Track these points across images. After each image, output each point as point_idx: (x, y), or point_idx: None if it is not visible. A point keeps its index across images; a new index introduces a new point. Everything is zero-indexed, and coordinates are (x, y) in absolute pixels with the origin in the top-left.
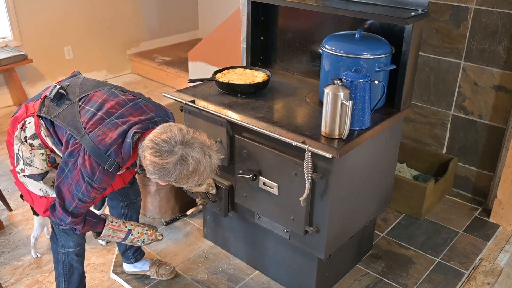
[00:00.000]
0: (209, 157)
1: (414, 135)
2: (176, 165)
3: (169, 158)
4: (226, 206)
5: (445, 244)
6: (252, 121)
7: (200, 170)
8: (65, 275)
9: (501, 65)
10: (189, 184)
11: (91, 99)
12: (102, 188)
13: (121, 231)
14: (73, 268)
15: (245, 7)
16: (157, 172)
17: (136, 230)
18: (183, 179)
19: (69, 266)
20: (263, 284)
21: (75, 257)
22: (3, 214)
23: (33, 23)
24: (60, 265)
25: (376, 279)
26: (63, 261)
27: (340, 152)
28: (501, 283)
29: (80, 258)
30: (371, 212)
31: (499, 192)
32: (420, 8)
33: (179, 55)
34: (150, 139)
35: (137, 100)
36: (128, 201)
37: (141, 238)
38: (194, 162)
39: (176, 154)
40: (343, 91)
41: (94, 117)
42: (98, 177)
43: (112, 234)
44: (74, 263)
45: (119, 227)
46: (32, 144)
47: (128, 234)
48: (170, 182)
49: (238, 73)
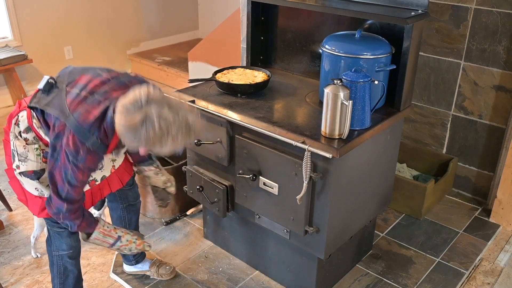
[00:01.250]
0: (178, 116)
1: (414, 135)
2: (142, 124)
3: (135, 117)
4: (225, 207)
5: (445, 244)
6: (252, 121)
7: (171, 130)
8: (60, 277)
9: (501, 65)
10: (164, 149)
11: (77, 82)
12: (88, 169)
13: (111, 236)
14: (68, 270)
15: (245, 7)
16: (127, 134)
17: (126, 238)
18: (155, 142)
19: (63, 269)
20: (263, 284)
21: (68, 259)
22: (3, 214)
23: (33, 23)
24: (55, 268)
25: (376, 279)
26: (57, 264)
27: (340, 152)
28: (501, 283)
29: (75, 261)
30: (371, 212)
31: (499, 192)
32: (420, 8)
33: (179, 55)
34: (120, 104)
35: (121, 77)
36: (127, 203)
37: (129, 247)
38: (162, 120)
39: (142, 112)
40: (343, 91)
41: (78, 97)
42: (82, 156)
43: (101, 238)
44: (68, 265)
45: (109, 232)
46: (27, 138)
47: (117, 240)
48: (144, 147)
49: (238, 73)
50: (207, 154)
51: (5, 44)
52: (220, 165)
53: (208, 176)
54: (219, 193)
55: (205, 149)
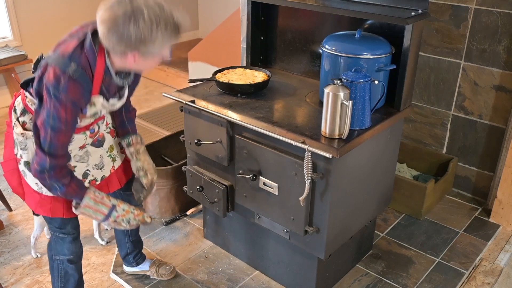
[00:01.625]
0: (163, 10)
1: (414, 135)
2: (130, 16)
3: (121, 9)
4: (225, 207)
5: (445, 244)
6: (252, 121)
7: (160, 23)
8: (61, 281)
9: (501, 65)
10: (154, 48)
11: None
12: (71, 103)
13: (104, 204)
14: (68, 275)
15: (245, 7)
16: (113, 33)
17: (122, 207)
18: (145, 35)
19: (64, 273)
20: (263, 284)
21: (69, 264)
22: (3, 214)
23: (33, 23)
24: (55, 272)
25: (376, 279)
26: (57, 268)
27: (340, 152)
28: (501, 283)
29: (75, 266)
30: (371, 212)
31: (499, 192)
32: (420, 8)
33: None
34: (103, 4)
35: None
36: None
37: (127, 217)
38: (150, 10)
39: (128, 5)
40: (343, 91)
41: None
42: (63, 85)
43: (93, 207)
44: (69, 270)
45: (102, 200)
46: (24, 121)
47: (112, 209)
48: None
49: (238, 73)
50: (207, 154)
51: (5, 44)
52: (220, 165)
53: (208, 176)
54: (219, 193)
55: (205, 149)
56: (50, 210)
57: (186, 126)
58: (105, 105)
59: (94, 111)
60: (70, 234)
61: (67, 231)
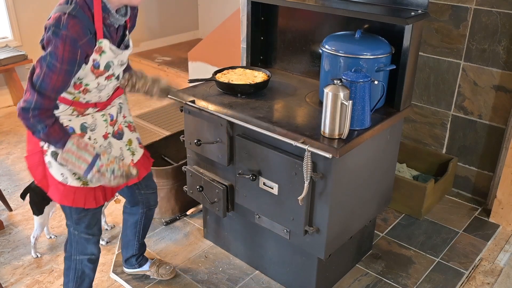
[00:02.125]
0: None
1: (414, 135)
2: None
3: None
4: (225, 207)
5: (445, 244)
6: (252, 121)
7: None
8: (76, 282)
9: (500, 65)
10: None
11: None
12: (70, 40)
13: (87, 151)
14: (85, 275)
15: (245, 7)
16: None
17: (106, 157)
18: None
19: (81, 273)
20: (263, 284)
21: (88, 263)
22: (3, 214)
23: (33, 23)
24: (72, 272)
25: (376, 279)
26: (75, 268)
27: (340, 152)
28: (500, 283)
29: (93, 266)
30: (371, 212)
31: (499, 192)
32: (420, 8)
33: (179, 55)
34: None
35: None
36: (148, 207)
37: (111, 167)
38: None
39: None
40: (343, 91)
41: None
42: (64, 22)
43: (76, 152)
44: (86, 270)
45: (85, 147)
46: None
47: (95, 158)
48: None
49: (238, 73)
50: (207, 154)
51: (5, 44)
52: (220, 165)
53: (208, 176)
54: (219, 193)
55: (205, 149)
56: (73, 201)
57: (186, 126)
58: (114, 50)
59: (106, 61)
60: (96, 235)
61: (93, 232)
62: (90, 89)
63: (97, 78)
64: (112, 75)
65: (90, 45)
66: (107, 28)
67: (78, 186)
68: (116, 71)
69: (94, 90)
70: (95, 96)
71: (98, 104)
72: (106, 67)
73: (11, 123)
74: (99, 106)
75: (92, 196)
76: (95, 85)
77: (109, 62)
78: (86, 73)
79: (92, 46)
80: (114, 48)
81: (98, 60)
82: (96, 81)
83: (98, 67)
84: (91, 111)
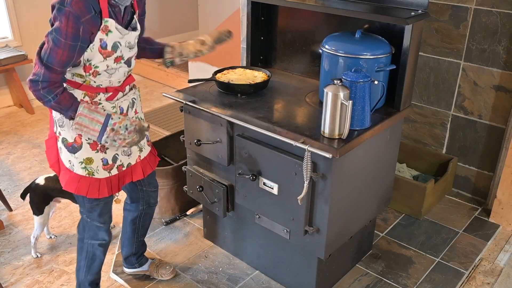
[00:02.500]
0: None
1: (414, 135)
2: None
3: None
4: (225, 207)
5: (445, 244)
6: (252, 121)
7: None
8: (87, 261)
9: (500, 65)
10: None
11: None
12: (73, 14)
13: (99, 113)
14: (96, 256)
15: (245, 7)
16: None
17: (117, 116)
18: None
19: (92, 255)
20: (263, 284)
21: (99, 247)
22: (3, 214)
23: (33, 23)
24: (84, 253)
25: (376, 279)
26: (87, 250)
27: (340, 152)
28: (500, 283)
29: (104, 249)
30: (371, 212)
31: (499, 192)
32: (420, 8)
33: None
34: None
35: None
36: (148, 205)
37: (124, 124)
38: None
39: None
40: (343, 91)
41: None
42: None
43: (88, 115)
44: (97, 252)
45: (96, 109)
46: None
47: (107, 118)
48: None
49: (238, 73)
50: (207, 154)
51: (5, 44)
52: (220, 165)
53: (208, 176)
54: (219, 193)
55: (205, 149)
56: (76, 188)
57: (186, 126)
58: (120, 29)
59: (113, 41)
60: (107, 223)
61: (105, 220)
62: (100, 71)
63: (105, 59)
64: (121, 57)
65: (94, 23)
66: (112, 8)
67: (83, 175)
68: (124, 53)
69: (104, 73)
70: (106, 80)
71: (109, 89)
72: (113, 48)
73: (11, 123)
74: (110, 90)
75: (96, 187)
76: (104, 67)
77: (116, 43)
78: (94, 54)
79: (97, 24)
80: (120, 27)
81: (105, 39)
82: (105, 63)
83: (106, 47)
84: (102, 97)
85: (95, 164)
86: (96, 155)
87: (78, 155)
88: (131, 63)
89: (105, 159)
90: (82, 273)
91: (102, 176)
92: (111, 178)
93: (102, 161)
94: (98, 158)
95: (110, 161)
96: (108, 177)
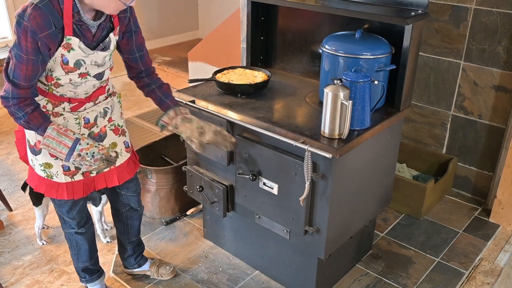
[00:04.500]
0: None
1: (414, 135)
2: None
3: None
4: (225, 207)
5: (445, 244)
6: (252, 121)
7: None
8: (73, 249)
9: (500, 65)
10: None
11: None
12: (31, 30)
13: (67, 137)
14: (79, 244)
15: (245, 7)
16: None
17: (86, 141)
18: None
19: (75, 243)
20: (263, 284)
21: (76, 235)
22: (3, 214)
23: None
24: (68, 242)
25: (376, 279)
26: (69, 238)
27: (340, 152)
28: (500, 283)
29: (83, 237)
30: (371, 212)
31: (499, 192)
32: (420, 8)
33: (179, 55)
34: None
35: None
36: (129, 207)
37: (91, 151)
38: None
39: None
40: (343, 91)
41: None
42: (28, 13)
43: (57, 138)
44: (78, 240)
45: (65, 132)
46: None
47: (75, 142)
48: None
49: (238, 73)
50: (207, 154)
51: (5, 44)
52: (220, 165)
53: (208, 176)
54: (219, 193)
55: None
56: (36, 186)
57: None
58: (84, 49)
59: (75, 58)
60: (76, 219)
61: (73, 216)
62: (62, 84)
63: (67, 74)
64: (87, 74)
65: (52, 39)
66: (78, 26)
67: (42, 176)
68: (90, 70)
69: (68, 85)
70: (70, 91)
71: (73, 100)
72: (76, 65)
73: (11, 123)
74: (73, 102)
75: (55, 189)
76: (66, 81)
77: (79, 60)
78: (56, 66)
79: (56, 40)
80: (84, 47)
81: (67, 56)
82: (67, 77)
83: (67, 63)
84: (66, 106)
85: (54, 169)
86: (55, 161)
87: (38, 157)
88: (102, 76)
89: (66, 166)
90: (74, 261)
91: (62, 180)
92: (74, 183)
93: (62, 167)
94: (58, 164)
95: (73, 168)
96: (70, 182)
